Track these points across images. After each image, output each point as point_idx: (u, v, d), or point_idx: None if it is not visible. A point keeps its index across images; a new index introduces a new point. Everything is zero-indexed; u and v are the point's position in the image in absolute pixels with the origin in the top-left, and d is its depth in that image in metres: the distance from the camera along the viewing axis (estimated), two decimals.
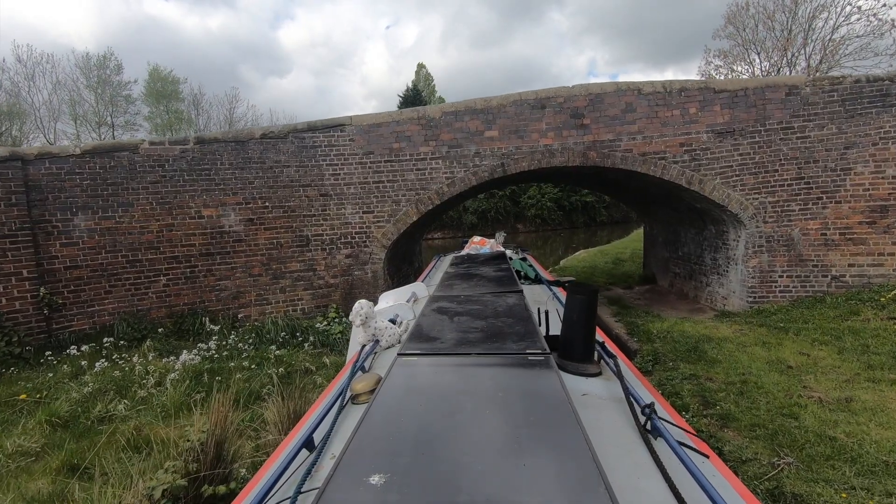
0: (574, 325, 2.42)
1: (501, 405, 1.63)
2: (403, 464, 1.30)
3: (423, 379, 1.94)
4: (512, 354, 2.11)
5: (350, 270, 8.94)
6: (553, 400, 1.65)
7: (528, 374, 1.91)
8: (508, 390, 1.75)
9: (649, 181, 9.25)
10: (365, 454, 1.37)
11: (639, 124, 8.48)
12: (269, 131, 8.60)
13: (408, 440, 1.43)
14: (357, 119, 8.83)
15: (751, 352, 6.38)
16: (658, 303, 10.86)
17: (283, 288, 8.72)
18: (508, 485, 1.20)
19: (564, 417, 1.51)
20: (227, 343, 7.16)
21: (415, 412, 1.61)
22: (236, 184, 8.45)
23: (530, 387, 1.79)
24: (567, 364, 2.39)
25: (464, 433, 1.46)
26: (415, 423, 1.54)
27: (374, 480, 1.23)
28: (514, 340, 2.30)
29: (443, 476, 1.25)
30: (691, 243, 10.68)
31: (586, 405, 1.99)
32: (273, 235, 8.65)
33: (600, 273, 14.94)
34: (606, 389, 2.19)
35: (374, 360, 2.88)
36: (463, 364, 2.05)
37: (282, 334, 7.74)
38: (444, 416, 1.58)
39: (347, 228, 8.89)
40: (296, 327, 8.10)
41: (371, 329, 3.06)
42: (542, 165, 8.63)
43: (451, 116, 8.70)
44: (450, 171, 8.77)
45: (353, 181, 8.83)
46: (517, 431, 1.45)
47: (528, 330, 2.45)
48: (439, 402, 1.69)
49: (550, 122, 8.59)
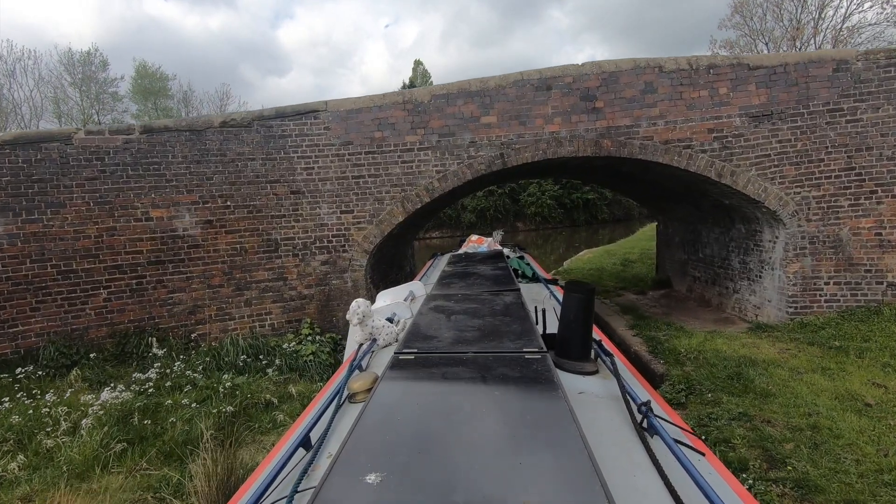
0: (571, 323, 2.43)
1: (498, 404, 1.64)
2: (400, 463, 1.31)
3: (420, 378, 1.94)
4: (509, 353, 2.11)
5: (326, 279, 7.74)
6: (549, 398, 1.65)
7: (524, 373, 1.90)
8: (505, 389, 1.75)
9: (670, 174, 8.05)
10: (361, 453, 1.37)
11: (660, 107, 7.28)
12: (230, 119, 7.39)
13: (404, 439, 1.44)
14: (333, 104, 7.62)
15: (809, 381, 5.19)
16: (678, 311, 9.67)
17: (248, 300, 7.52)
18: (504, 483, 1.20)
19: (561, 416, 1.52)
20: (172, 370, 5.95)
21: (411, 411, 1.63)
22: (191, 180, 7.24)
23: (527, 385, 1.79)
24: (564, 362, 2.40)
25: (460, 432, 1.47)
26: (411, 422, 1.56)
27: (370, 479, 1.23)
28: (511, 339, 2.29)
29: (439, 475, 1.26)
30: (715, 244, 9.48)
31: (583, 403, 2.00)
32: (236, 240, 7.45)
33: (609, 276, 13.74)
34: (603, 388, 2.20)
35: (371, 359, 2.92)
36: (460, 363, 2.04)
37: (242, 357, 6.54)
38: (440, 414, 1.59)
39: (323, 231, 7.69)
40: (260, 348, 6.91)
41: (368, 328, 3.10)
42: (548, 156, 7.43)
43: (442, 100, 7.50)
44: (441, 163, 7.57)
45: (329, 176, 7.62)
46: (514, 430, 1.47)
47: (525, 328, 2.45)
48: (436, 401, 1.69)
49: (557, 105, 7.38)
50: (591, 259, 17.07)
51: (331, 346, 7.41)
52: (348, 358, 3.13)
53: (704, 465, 1.67)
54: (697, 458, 1.69)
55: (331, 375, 4.00)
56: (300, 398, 5.86)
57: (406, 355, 2.15)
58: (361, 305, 3.10)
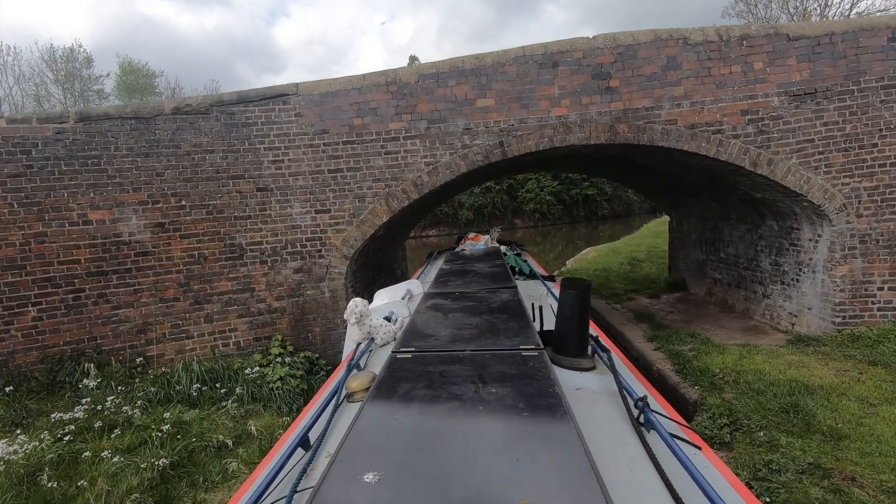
0: (568, 320, 2.43)
1: (495, 401, 1.64)
2: (398, 461, 1.32)
3: (418, 377, 1.92)
4: (506, 351, 2.11)
5: (300, 289, 6.70)
6: (546, 395, 1.65)
7: (521, 370, 1.90)
8: (502, 386, 1.75)
9: (693, 164, 7.03)
10: (360, 452, 1.38)
11: (685, 85, 6.25)
12: (184, 104, 6.34)
13: (402, 438, 1.44)
14: (305, 87, 6.57)
15: (889, 417, 4.18)
16: (699, 318, 8.66)
17: (208, 316, 6.48)
18: (502, 480, 1.21)
19: (557, 412, 1.52)
20: (105, 406, 4.91)
21: (409, 410, 1.64)
22: (139, 176, 6.19)
23: (524, 382, 1.79)
24: (561, 359, 2.38)
25: (458, 430, 1.48)
26: (409, 420, 1.57)
27: (368, 478, 1.24)
28: (509, 336, 2.31)
29: (437, 472, 1.26)
30: (740, 243, 8.47)
31: (580, 399, 2.00)
32: (193, 245, 6.40)
33: (617, 277, 12.73)
34: (600, 383, 2.20)
35: (369, 358, 2.96)
36: (457, 361, 2.04)
37: (195, 386, 5.50)
38: (438, 413, 1.60)
39: (295, 234, 6.65)
40: (220, 372, 5.87)
41: (366, 327, 3.15)
42: (555, 144, 6.40)
43: (432, 80, 6.45)
44: (431, 154, 6.53)
45: (302, 170, 6.58)
46: (511, 427, 1.48)
47: (521, 325, 2.47)
48: (433, 399, 1.70)
49: (565, 85, 6.34)
50: (596, 258, 16.05)
51: (305, 367, 6.39)
52: (346, 357, 3.13)
53: (701, 459, 1.68)
54: (694, 453, 1.69)
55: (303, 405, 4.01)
56: (262, 437, 4.85)
57: (403, 354, 2.16)
58: (359, 304, 3.10)
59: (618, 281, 12.28)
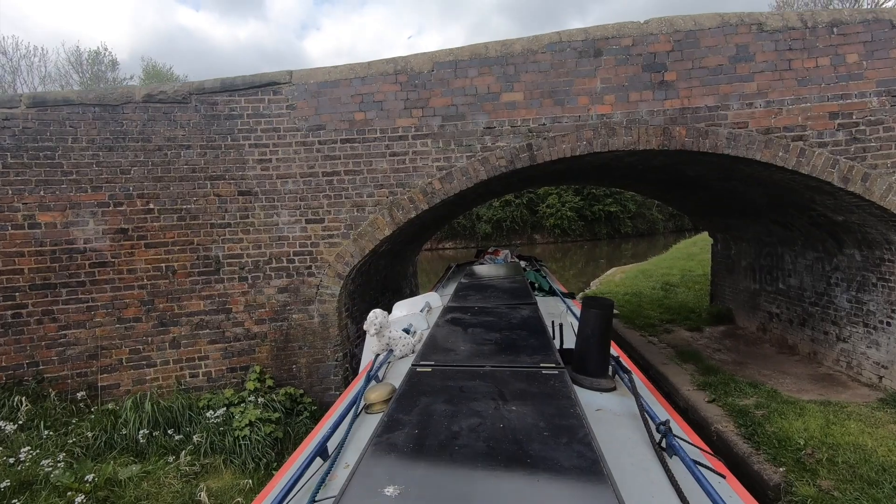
0: (588, 339, 2.42)
1: (515, 419, 1.62)
2: (419, 476, 1.31)
3: (437, 391, 1.89)
4: (526, 368, 2.09)
5: (285, 312, 5.66)
6: (567, 415, 1.63)
7: (541, 389, 1.88)
8: (523, 404, 1.74)
9: (760, 179, 5.84)
10: (380, 465, 1.37)
11: (758, 81, 5.09)
12: (157, 91, 5.41)
13: (422, 453, 1.44)
14: (300, 75, 5.60)
15: None
16: (753, 359, 7.37)
17: (175, 340, 5.47)
18: (521, 500, 1.20)
19: (579, 433, 1.50)
20: (18, 459, 3.88)
21: (429, 424, 1.61)
22: (100, 173, 5.26)
23: (544, 401, 1.77)
24: (581, 378, 2.38)
25: (477, 447, 1.45)
26: (429, 435, 1.54)
27: (388, 492, 1.23)
28: (528, 354, 2.28)
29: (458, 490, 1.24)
30: (806, 273, 7.19)
31: (600, 421, 2.00)
32: (160, 256, 5.43)
33: (650, 303, 11.45)
34: (621, 405, 2.18)
35: (387, 370, 2.96)
36: (477, 377, 2.02)
37: (142, 431, 4.46)
38: (457, 429, 1.57)
39: (282, 246, 5.63)
40: (178, 412, 4.83)
41: (385, 339, 3.15)
42: (595, 149, 5.28)
43: (448, 69, 5.42)
44: (444, 156, 5.47)
45: (292, 172, 5.58)
46: (530, 446, 1.45)
47: (542, 343, 2.43)
48: (452, 414, 1.68)
49: (610, 77, 5.24)
50: (625, 281, 14.75)
51: (286, 405, 5.32)
52: (364, 368, 3.12)
53: (725, 488, 1.63)
54: (718, 481, 1.65)
55: (275, 459, 4.17)
56: None
57: (423, 368, 2.14)
58: (379, 316, 3.12)
59: (651, 308, 10.99)
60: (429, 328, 3.26)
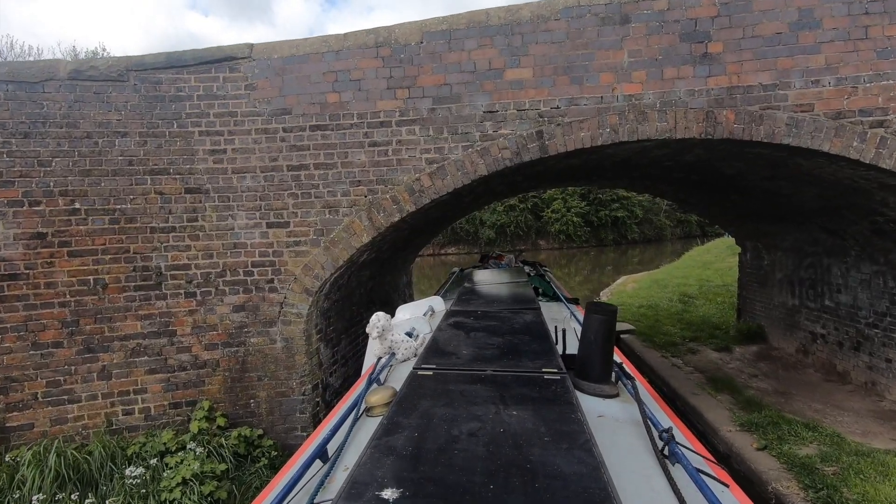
0: (591, 344, 2.38)
1: (516, 424, 1.61)
2: (417, 480, 1.30)
3: (438, 395, 1.88)
4: (528, 373, 2.08)
5: (242, 336, 4.67)
6: (568, 421, 1.62)
7: (543, 394, 1.86)
8: (523, 409, 1.72)
9: (818, 176, 4.82)
10: (378, 468, 1.36)
11: (827, 53, 4.08)
12: (87, 66, 4.45)
13: (422, 456, 1.42)
14: (263, 49, 4.63)
15: None
16: (797, 388, 6.32)
17: (105, 370, 4.48)
18: None
19: (580, 439, 1.49)
20: None
21: (428, 428, 1.60)
22: (11, 164, 4.29)
23: (546, 406, 1.75)
24: (583, 384, 2.34)
25: (478, 452, 1.44)
26: (429, 439, 1.53)
27: (386, 495, 1.22)
28: (531, 359, 2.29)
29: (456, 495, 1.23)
30: (861, 289, 6.14)
31: (602, 427, 1.95)
32: (88, 267, 4.44)
33: (668, 317, 10.39)
34: (624, 412, 2.14)
35: (389, 373, 2.91)
36: (478, 381, 2.00)
37: (37, 497, 3.45)
38: (458, 433, 1.56)
39: (238, 255, 4.65)
40: (95, 466, 3.83)
41: (387, 342, 3.10)
42: (622, 138, 4.28)
43: (441, 41, 4.43)
44: (436, 146, 4.48)
45: (251, 165, 4.61)
46: (531, 452, 1.43)
47: (544, 348, 2.44)
48: (453, 418, 1.66)
49: (640, 49, 4.25)
50: (638, 291, 13.68)
51: (240, 451, 4.32)
52: (366, 371, 3.06)
53: (728, 497, 1.60)
54: (721, 490, 1.61)
55: None
56: None
57: (425, 371, 2.14)
58: (382, 319, 3.07)
59: (670, 323, 9.94)
60: (431, 332, 3.22)
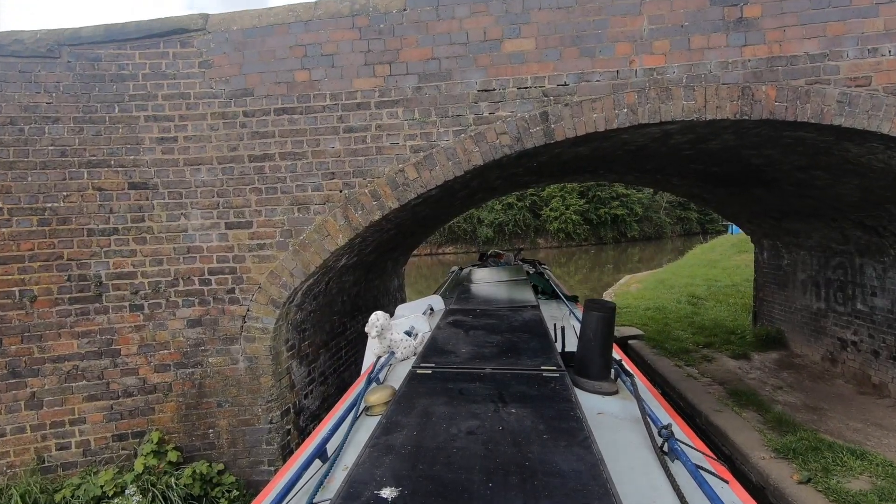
0: (590, 342, 2.37)
1: (515, 422, 1.61)
2: (415, 478, 1.30)
3: (437, 393, 1.88)
4: (526, 371, 2.09)
5: (198, 355, 4.00)
6: (567, 418, 1.62)
7: (542, 392, 1.87)
8: (522, 407, 1.73)
9: (866, 166, 4.17)
10: (377, 467, 1.36)
11: (886, 16, 3.43)
12: (11, 40, 3.78)
13: (420, 455, 1.43)
14: (220, 20, 3.96)
15: None
16: (829, 402, 5.69)
17: (35, 397, 3.81)
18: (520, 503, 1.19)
19: (578, 436, 1.49)
20: None
21: (428, 427, 1.60)
22: None
23: (545, 404, 1.75)
24: (583, 381, 2.33)
25: (476, 450, 1.45)
26: (428, 437, 1.53)
27: (385, 494, 1.22)
28: (530, 356, 2.29)
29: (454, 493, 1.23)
30: None
31: (601, 424, 1.96)
32: (13, 276, 3.77)
33: (677, 321, 9.74)
34: (623, 409, 2.14)
35: (388, 372, 2.90)
36: (477, 379, 2.01)
37: None
38: (457, 431, 1.56)
39: (192, 261, 3.98)
40: None
41: (387, 341, 3.09)
42: (642, 120, 3.62)
43: (428, 7, 3.76)
44: (423, 132, 3.82)
45: (207, 156, 3.93)
46: (530, 450, 1.44)
47: (543, 346, 2.44)
48: (452, 417, 1.67)
49: (662, 14, 3.59)
50: (643, 292, 13.04)
51: (195, 491, 3.66)
52: (366, 370, 3.05)
53: (728, 493, 1.60)
54: (721, 486, 1.62)
55: None
56: None
57: (423, 370, 2.14)
58: (381, 318, 3.05)
59: (680, 327, 9.29)
60: (430, 331, 3.20)
